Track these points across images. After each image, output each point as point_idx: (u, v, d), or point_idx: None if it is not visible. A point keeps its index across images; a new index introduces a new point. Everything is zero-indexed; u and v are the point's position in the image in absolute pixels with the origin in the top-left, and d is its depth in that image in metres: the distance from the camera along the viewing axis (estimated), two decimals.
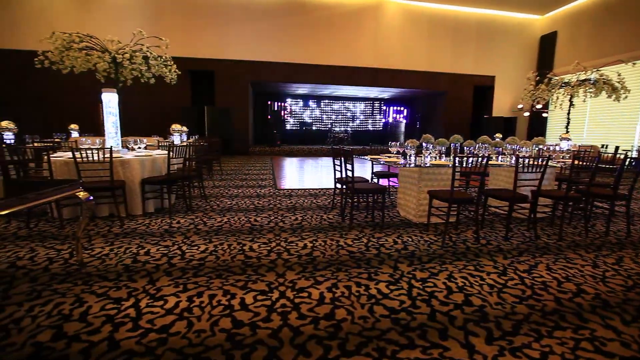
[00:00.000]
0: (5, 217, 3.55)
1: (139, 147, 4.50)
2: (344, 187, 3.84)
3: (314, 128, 16.87)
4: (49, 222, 3.49)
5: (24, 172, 3.59)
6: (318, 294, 2.07)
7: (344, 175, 3.64)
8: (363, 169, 8.75)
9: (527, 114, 13.42)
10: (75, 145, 4.43)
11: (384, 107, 17.57)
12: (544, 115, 13.21)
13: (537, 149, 4.16)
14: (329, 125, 17.01)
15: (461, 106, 13.90)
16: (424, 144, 3.86)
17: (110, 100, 4.20)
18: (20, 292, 2.02)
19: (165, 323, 1.72)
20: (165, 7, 11.50)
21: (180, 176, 4.01)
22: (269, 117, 15.61)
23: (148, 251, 2.71)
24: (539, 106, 7.53)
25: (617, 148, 5.79)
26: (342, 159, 3.61)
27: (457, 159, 3.04)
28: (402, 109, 17.60)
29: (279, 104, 16.35)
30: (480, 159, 3.06)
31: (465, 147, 4.14)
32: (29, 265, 2.41)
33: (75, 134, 7.95)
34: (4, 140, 5.19)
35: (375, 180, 4.74)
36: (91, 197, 2.33)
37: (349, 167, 3.42)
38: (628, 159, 3.31)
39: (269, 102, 16.10)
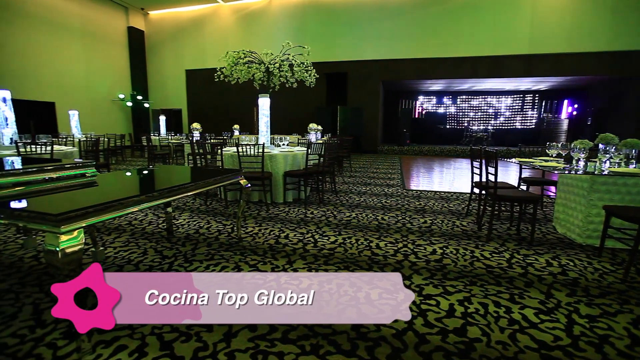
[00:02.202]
0: (193, 196, 4.68)
1: (283, 144, 5.16)
2: (483, 192, 3.41)
3: (447, 126, 15.62)
4: (218, 202, 4.41)
5: (205, 162, 4.64)
6: (447, 304, 1.92)
7: (484, 180, 3.24)
8: (506, 173, 7.60)
9: None
10: (237, 142, 5.45)
11: (538, 101, 14.69)
12: None
13: None
14: (465, 124, 15.41)
15: None
16: (600, 146, 3.04)
17: (264, 104, 4.95)
18: (200, 252, 2.63)
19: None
20: (308, 19, 12.76)
21: (315, 171, 4.40)
22: (399, 115, 15.35)
23: (287, 235, 3.09)
24: None
25: None
26: (483, 160, 3.21)
27: None
28: (564, 102, 14.32)
29: (410, 101, 15.85)
30: None
31: None
32: (206, 233, 3.11)
33: (236, 133, 9.79)
34: (194, 138, 6.84)
35: (523, 187, 4.03)
36: (249, 185, 2.82)
37: (491, 170, 3.02)
38: None
39: (400, 100, 15.80)
